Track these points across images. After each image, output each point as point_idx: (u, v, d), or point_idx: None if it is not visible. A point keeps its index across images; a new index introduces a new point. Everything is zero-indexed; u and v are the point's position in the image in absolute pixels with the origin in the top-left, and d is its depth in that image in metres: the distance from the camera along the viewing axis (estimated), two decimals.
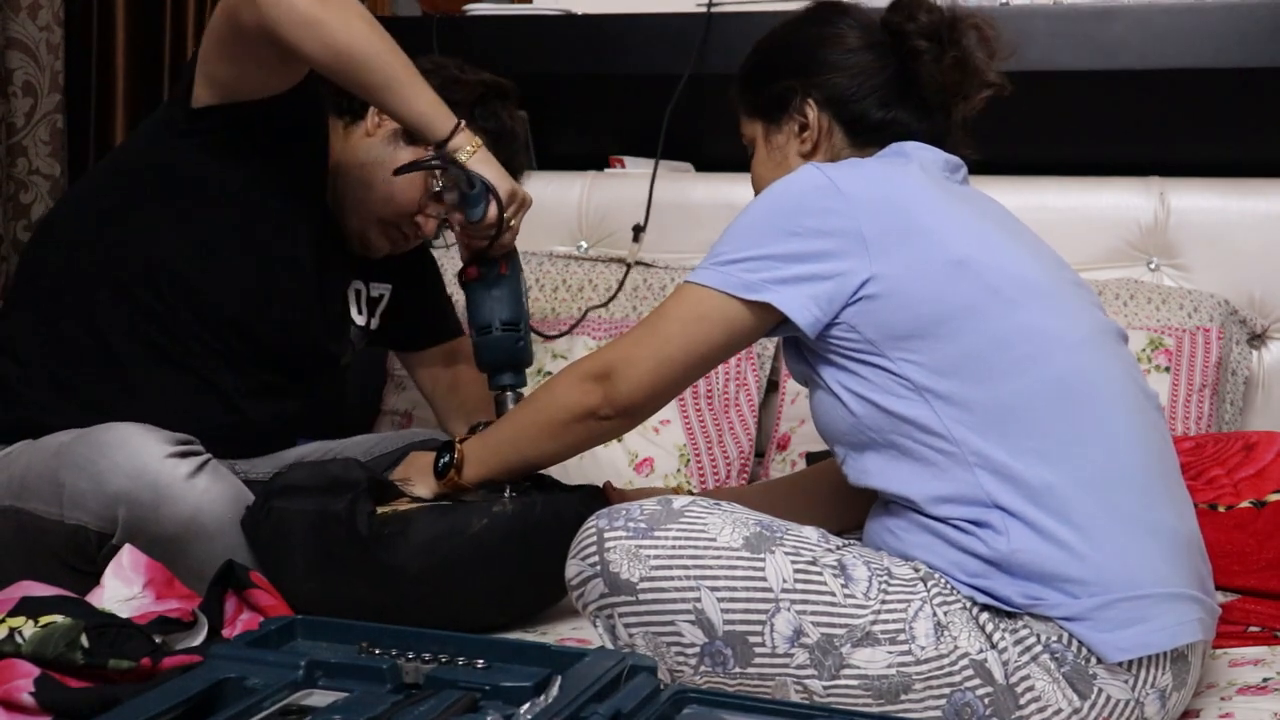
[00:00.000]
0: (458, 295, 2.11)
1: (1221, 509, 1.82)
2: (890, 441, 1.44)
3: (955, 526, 1.40)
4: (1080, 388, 1.43)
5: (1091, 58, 2.31)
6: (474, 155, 1.79)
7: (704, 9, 2.49)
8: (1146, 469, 1.44)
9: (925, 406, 1.41)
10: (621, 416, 1.55)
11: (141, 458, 1.68)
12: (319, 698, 1.14)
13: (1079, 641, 1.36)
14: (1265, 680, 1.55)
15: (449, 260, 2.66)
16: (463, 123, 1.79)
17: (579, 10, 2.63)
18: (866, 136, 1.58)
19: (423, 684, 1.14)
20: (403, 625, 1.24)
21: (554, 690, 1.12)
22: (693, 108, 2.52)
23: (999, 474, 1.39)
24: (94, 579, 1.75)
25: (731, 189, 2.56)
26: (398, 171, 1.86)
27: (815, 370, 1.50)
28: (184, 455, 1.69)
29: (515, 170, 1.94)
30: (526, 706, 1.10)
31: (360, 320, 2.08)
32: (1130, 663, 1.37)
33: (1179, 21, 2.28)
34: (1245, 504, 1.82)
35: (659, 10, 2.56)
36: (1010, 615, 1.38)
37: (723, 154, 2.64)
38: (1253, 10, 2.25)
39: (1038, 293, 1.46)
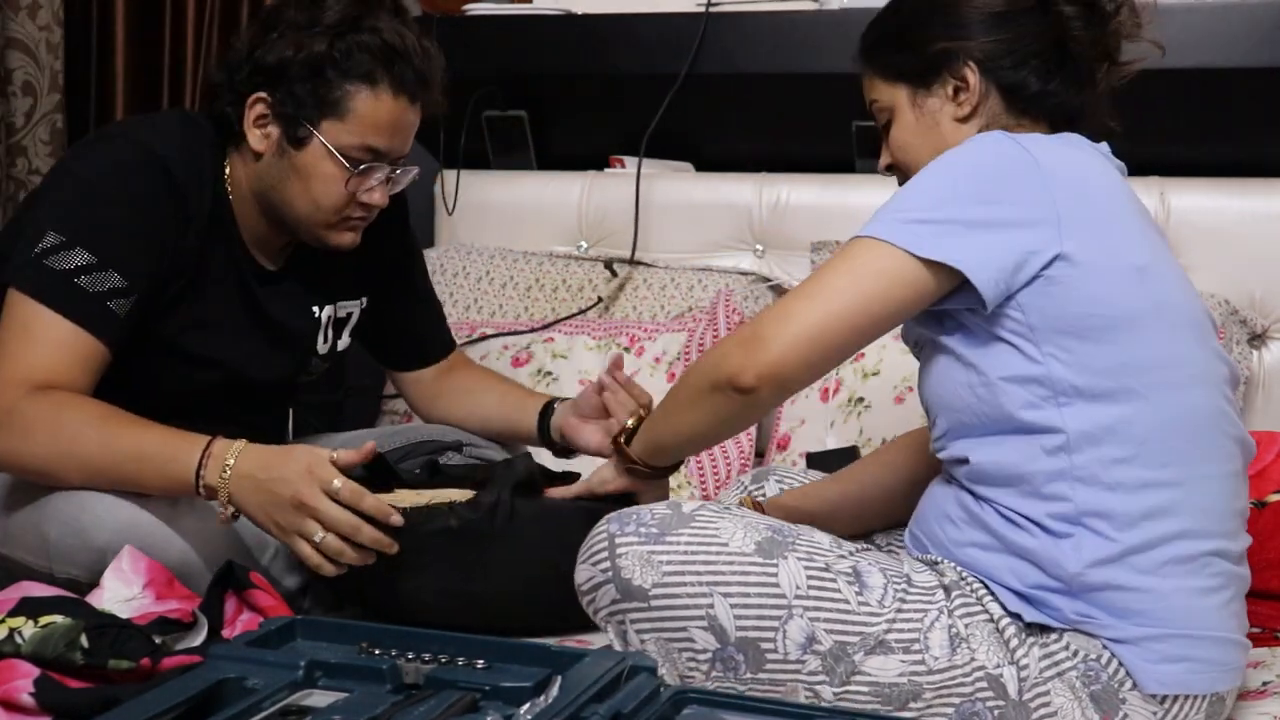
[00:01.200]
0: (448, 298, 2.09)
1: None
2: (1002, 428, 1.39)
3: (1027, 530, 1.37)
4: (1198, 426, 1.39)
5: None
6: (229, 484, 1.61)
7: (703, 9, 2.49)
8: (1231, 519, 1.42)
9: (1054, 406, 1.36)
10: (767, 385, 1.37)
11: (124, 509, 1.65)
12: (319, 698, 1.14)
13: (1119, 663, 1.35)
14: (1265, 684, 1.54)
15: (465, 261, 2.66)
16: (207, 450, 1.62)
17: (579, 10, 2.63)
18: (1024, 106, 1.50)
19: (423, 684, 1.14)
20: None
21: (554, 690, 1.12)
22: (692, 107, 2.52)
23: (1095, 491, 1.36)
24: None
25: (731, 189, 2.57)
26: None
27: (946, 337, 1.42)
28: (159, 502, 1.67)
29: (419, 93, 1.79)
30: (526, 706, 1.10)
31: (324, 348, 1.97)
32: (1164, 697, 1.35)
33: (1180, 21, 2.27)
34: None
35: (658, 10, 2.56)
36: (1044, 629, 1.37)
37: (722, 154, 2.65)
38: (1253, 10, 2.25)
39: (1189, 321, 1.42)
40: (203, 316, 1.81)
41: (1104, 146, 1.53)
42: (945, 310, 1.41)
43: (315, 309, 1.94)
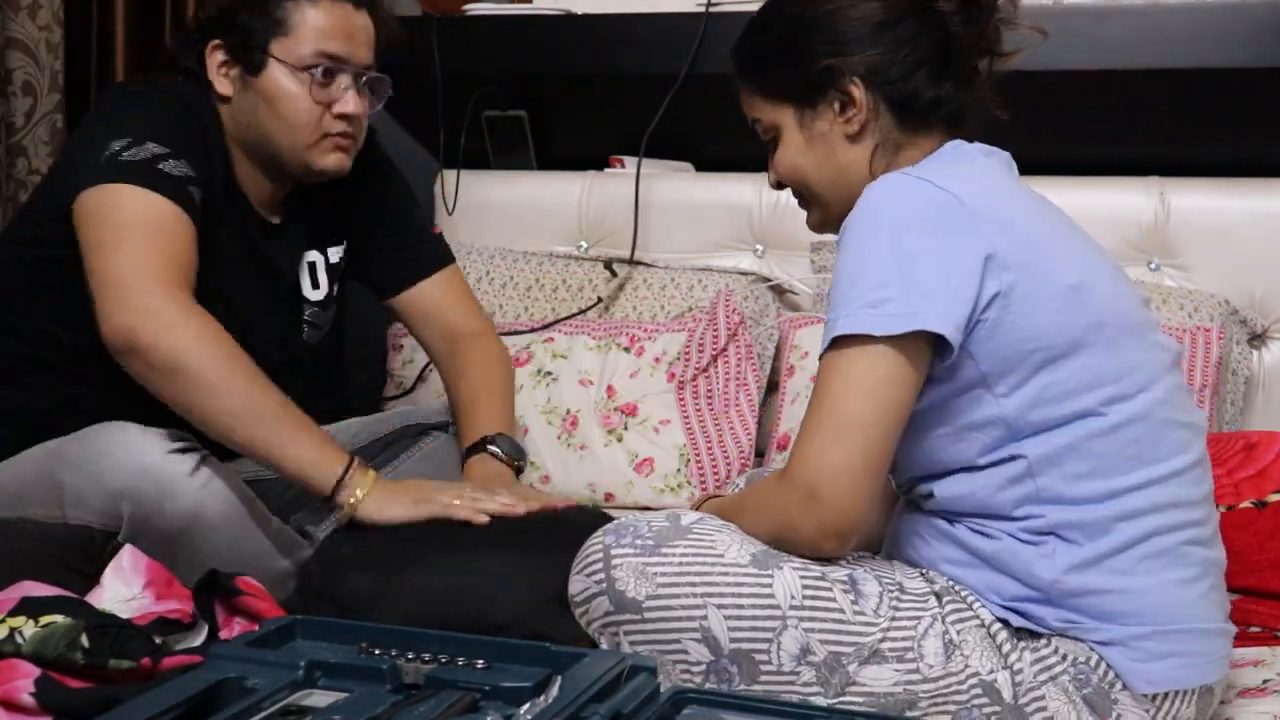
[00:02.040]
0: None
1: (1222, 509, 1.82)
2: (965, 468, 1.39)
3: (1001, 543, 1.37)
4: (1152, 427, 1.39)
5: (1091, 58, 2.31)
6: (366, 498, 1.71)
7: (703, 9, 2.49)
8: (1199, 506, 1.42)
9: (1014, 441, 1.36)
10: (846, 541, 1.36)
11: (143, 454, 1.68)
12: (319, 698, 1.14)
13: (1108, 665, 1.35)
14: (1265, 682, 1.54)
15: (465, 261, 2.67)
16: (351, 467, 1.71)
17: (579, 10, 2.63)
18: (918, 117, 1.47)
19: (423, 684, 1.14)
20: None
21: (554, 690, 1.12)
22: (692, 107, 2.52)
23: (1062, 507, 1.36)
24: (97, 581, 1.75)
25: (731, 189, 2.57)
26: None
27: None
28: (183, 451, 1.69)
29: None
30: (526, 706, 1.10)
31: (318, 295, 2.01)
32: (1156, 694, 1.35)
33: (1179, 21, 2.28)
34: (1246, 504, 1.82)
35: (658, 10, 2.56)
36: (1034, 635, 1.37)
37: (722, 154, 2.64)
38: (1253, 10, 2.25)
39: (1129, 327, 1.41)
40: (219, 262, 1.84)
41: (1000, 152, 1.50)
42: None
43: (303, 254, 1.98)
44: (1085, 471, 1.36)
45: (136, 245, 1.69)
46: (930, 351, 1.34)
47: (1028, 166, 2.40)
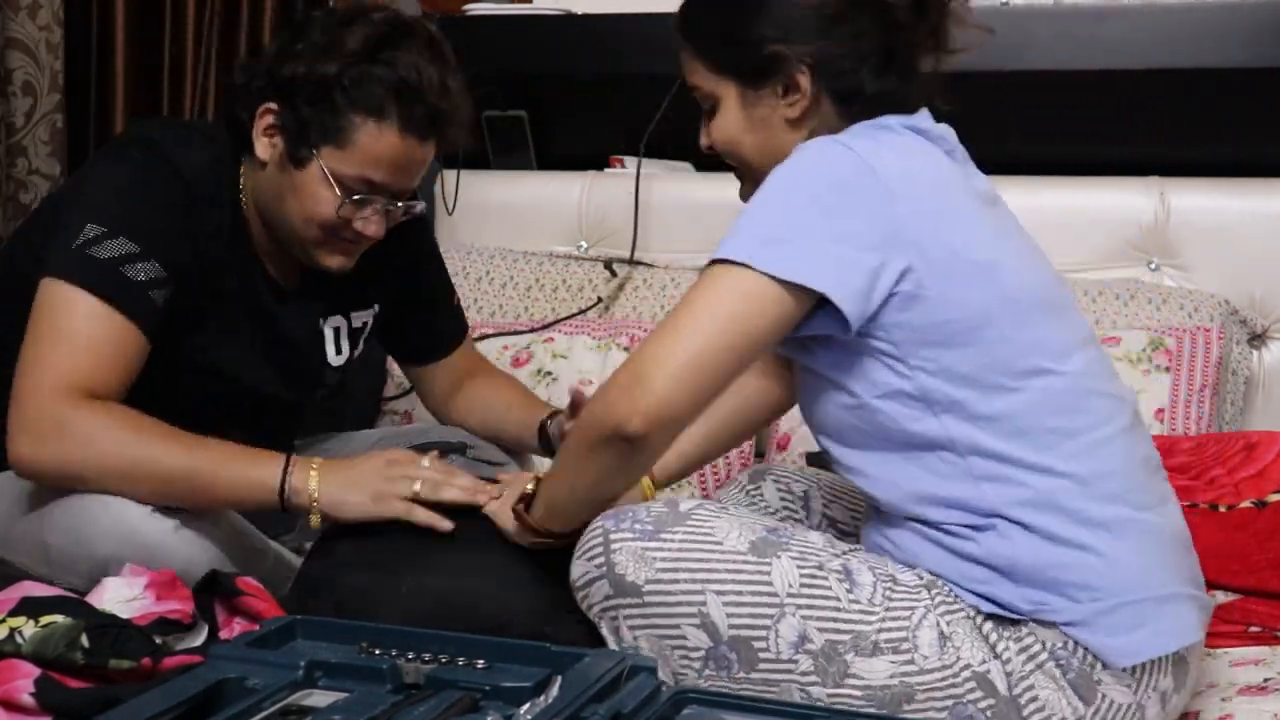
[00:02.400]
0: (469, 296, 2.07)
1: (1222, 509, 1.82)
2: (888, 445, 1.42)
3: (954, 534, 1.39)
4: (1078, 395, 1.41)
5: (1091, 58, 2.31)
6: (322, 488, 1.63)
7: None
8: (1137, 470, 1.43)
9: (932, 416, 1.39)
10: (655, 428, 1.34)
11: (127, 520, 1.64)
12: (319, 698, 1.14)
13: (1084, 648, 1.36)
14: (1266, 680, 1.54)
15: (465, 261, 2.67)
16: (289, 466, 1.64)
17: (579, 10, 2.63)
18: (860, 107, 1.47)
19: (423, 684, 1.14)
20: None
21: (554, 690, 1.12)
22: (692, 107, 2.51)
23: (1001, 482, 1.38)
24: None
25: (731, 189, 2.55)
26: None
27: (811, 360, 1.43)
28: (164, 511, 1.65)
29: (431, 132, 1.74)
30: (526, 706, 1.10)
31: (339, 360, 1.95)
32: (1134, 667, 1.36)
33: (1179, 21, 2.28)
34: (1246, 504, 1.82)
35: (659, 10, 2.55)
36: (1015, 622, 1.38)
37: None
38: (1253, 10, 2.25)
39: (1040, 302, 1.43)
40: (216, 332, 1.80)
41: (932, 127, 1.49)
42: (809, 334, 1.40)
43: (322, 320, 1.92)
44: (1008, 450, 1.37)
45: (65, 353, 1.64)
46: (808, 307, 1.35)
47: (1028, 166, 2.43)
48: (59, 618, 1.39)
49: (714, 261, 1.37)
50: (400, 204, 1.77)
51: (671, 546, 1.37)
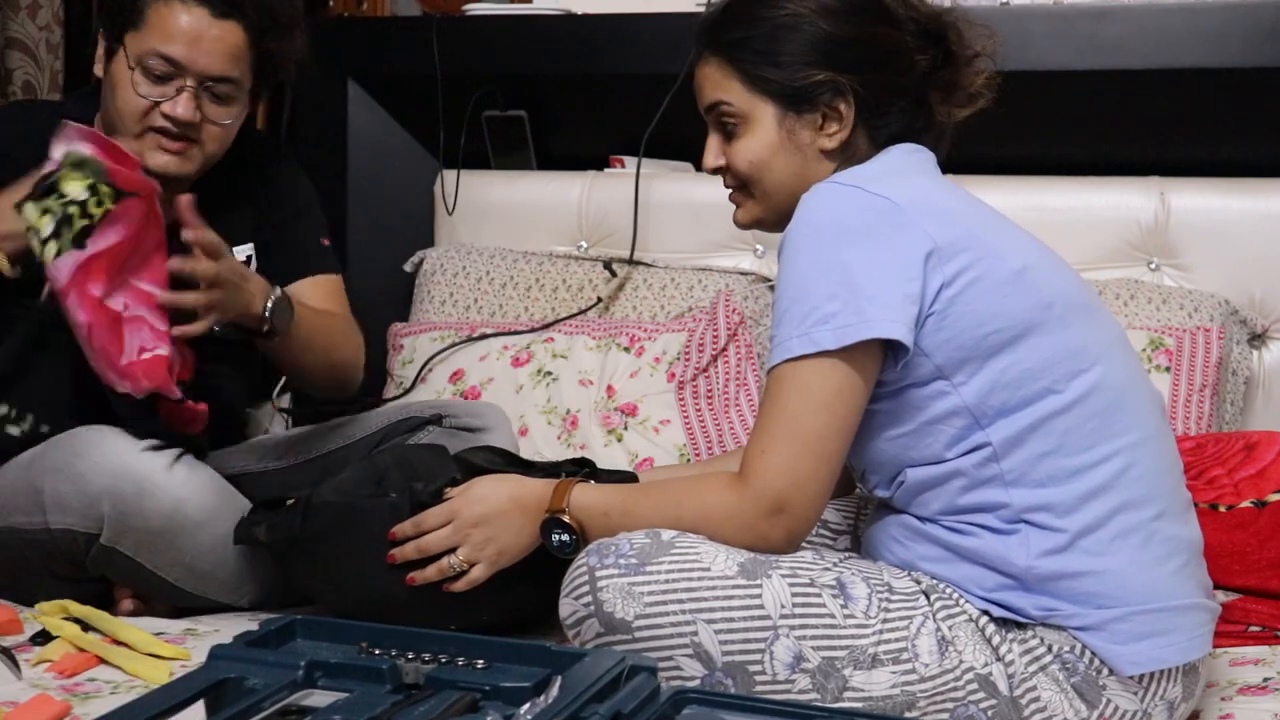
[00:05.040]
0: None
1: (1222, 509, 1.82)
2: (931, 460, 1.41)
3: (974, 535, 1.38)
4: (1110, 401, 1.40)
5: (1091, 58, 2.31)
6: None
7: (703, 9, 2.48)
8: (1164, 479, 1.43)
9: (978, 429, 1.38)
10: (799, 543, 1.40)
11: (120, 454, 1.69)
12: (319, 698, 1.14)
13: (1092, 652, 1.35)
14: (1266, 680, 1.55)
15: (465, 261, 2.66)
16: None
17: (579, 10, 2.63)
18: (886, 138, 1.50)
19: (423, 684, 1.14)
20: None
21: (554, 690, 1.12)
22: (692, 107, 2.51)
23: (1029, 489, 1.37)
24: (86, 584, 1.76)
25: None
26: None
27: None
28: (158, 449, 1.70)
29: (225, 8, 1.83)
30: (526, 707, 1.10)
31: None
32: (1142, 675, 1.36)
33: (1179, 21, 2.28)
34: (1246, 504, 1.82)
35: (658, 10, 2.56)
36: (1020, 625, 1.37)
37: None
38: (1253, 10, 2.25)
39: (1078, 305, 1.43)
40: None
41: (921, 150, 1.51)
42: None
43: None
44: (1048, 450, 1.37)
45: None
46: (881, 355, 1.38)
47: (1027, 166, 2.43)
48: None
49: (788, 362, 1.37)
50: (208, 86, 1.83)
51: (658, 579, 1.35)
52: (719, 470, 1.56)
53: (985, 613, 1.38)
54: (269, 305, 1.79)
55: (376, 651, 1.20)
